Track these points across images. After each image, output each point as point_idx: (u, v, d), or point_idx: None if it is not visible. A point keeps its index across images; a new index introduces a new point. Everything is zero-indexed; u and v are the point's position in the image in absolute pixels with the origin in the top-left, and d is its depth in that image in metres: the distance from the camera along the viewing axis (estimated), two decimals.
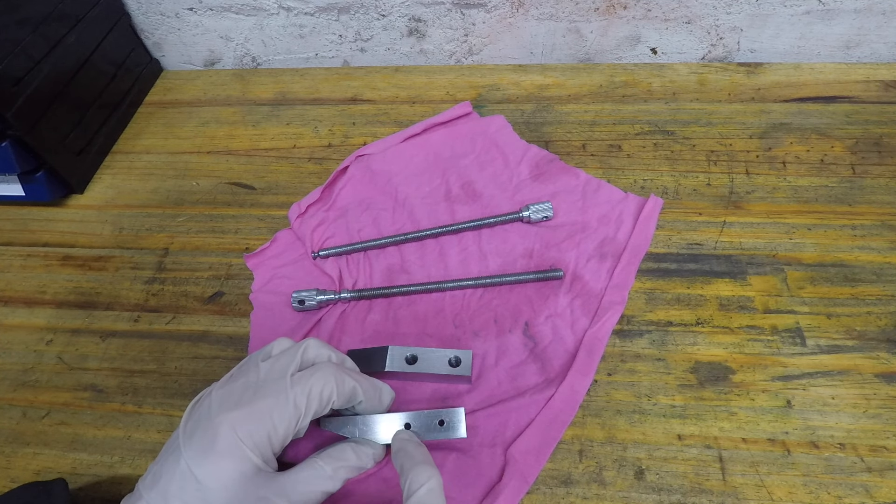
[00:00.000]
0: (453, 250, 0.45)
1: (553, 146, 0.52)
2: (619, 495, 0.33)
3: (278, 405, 0.28)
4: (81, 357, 0.42)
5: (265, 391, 0.29)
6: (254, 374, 0.30)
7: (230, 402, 0.28)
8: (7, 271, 0.48)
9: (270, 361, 0.31)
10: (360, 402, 0.32)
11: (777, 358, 0.38)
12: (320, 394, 0.29)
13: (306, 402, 0.29)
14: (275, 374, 0.30)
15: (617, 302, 0.40)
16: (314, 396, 0.29)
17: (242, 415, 0.28)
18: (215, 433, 0.27)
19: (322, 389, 0.29)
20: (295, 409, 0.28)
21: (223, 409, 0.28)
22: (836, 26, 0.55)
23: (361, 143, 0.54)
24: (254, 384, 0.29)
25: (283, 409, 0.28)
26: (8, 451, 0.38)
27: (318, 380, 0.29)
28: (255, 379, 0.30)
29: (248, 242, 0.48)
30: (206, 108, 0.60)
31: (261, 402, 0.28)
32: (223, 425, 0.27)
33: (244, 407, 0.28)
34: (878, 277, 0.41)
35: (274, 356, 0.31)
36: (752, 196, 0.47)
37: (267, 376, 0.30)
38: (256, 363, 0.31)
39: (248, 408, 0.28)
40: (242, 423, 0.27)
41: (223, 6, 0.59)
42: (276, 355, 0.31)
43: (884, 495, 0.32)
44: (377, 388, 0.33)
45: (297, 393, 0.29)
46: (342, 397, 0.30)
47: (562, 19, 0.57)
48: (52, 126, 0.49)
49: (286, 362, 0.30)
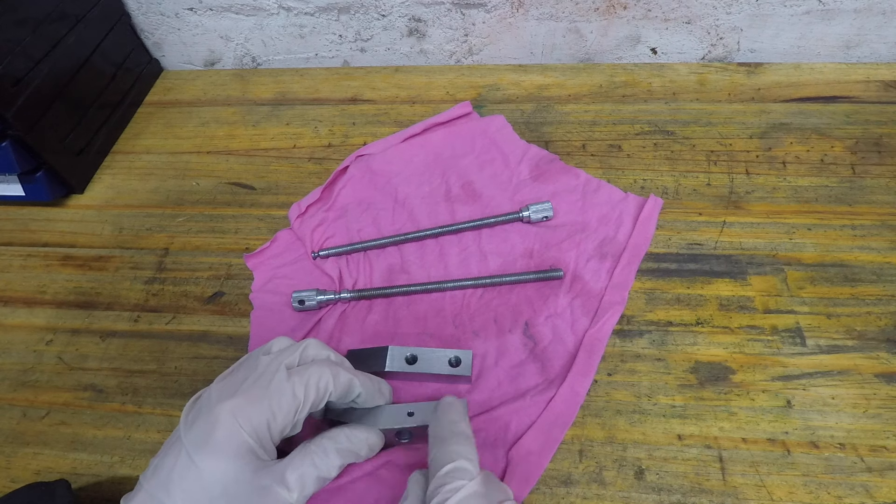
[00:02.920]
0: (453, 250, 0.45)
1: (553, 146, 0.52)
2: (619, 495, 0.33)
3: (277, 394, 0.29)
4: (81, 357, 0.42)
5: (264, 381, 0.29)
6: (253, 367, 0.31)
7: (229, 392, 0.29)
8: (7, 271, 0.48)
9: (271, 356, 0.31)
10: (359, 394, 0.32)
11: (777, 358, 0.38)
12: (317, 385, 0.30)
13: (304, 392, 0.29)
14: (274, 367, 0.30)
15: (617, 302, 0.40)
16: (311, 387, 0.30)
17: (242, 402, 0.28)
18: (215, 421, 0.28)
19: (319, 381, 0.30)
20: (293, 398, 0.29)
21: (223, 398, 0.29)
22: (836, 26, 0.55)
23: (361, 143, 0.54)
24: (253, 376, 0.30)
25: (281, 398, 0.29)
26: (8, 451, 0.38)
27: (315, 372, 0.30)
28: (255, 371, 0.30)
29: (248, 242, 0.48)
30: (206, 108, 0.60)
31: (260, 390, 0.29)
32: (223, 413, 0.28)
33: (243, 395, 0.29)
34: (878, 277, 0.41)
35: (274, 352, 0.32)
36: (752, 196, 0.47)
37: (266, 369, 0.30)
38: (257, 358, 0.32)
39: (248, 396, 0.29)
40: (242, 410, 0.28)
41: (223, 6, 0.59)
42: (277, 352, 0.32)
43: (884, 495, 0.32)
44: (375, 382, 0.34)
45: (295, 383, 0.29)
46: (339, 389, 0.31)
47: (562, 19, 0.57)
48: (52, 126, 0.49)
49: (285, 357, 0.31)
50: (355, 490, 0.34)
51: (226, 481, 0.27)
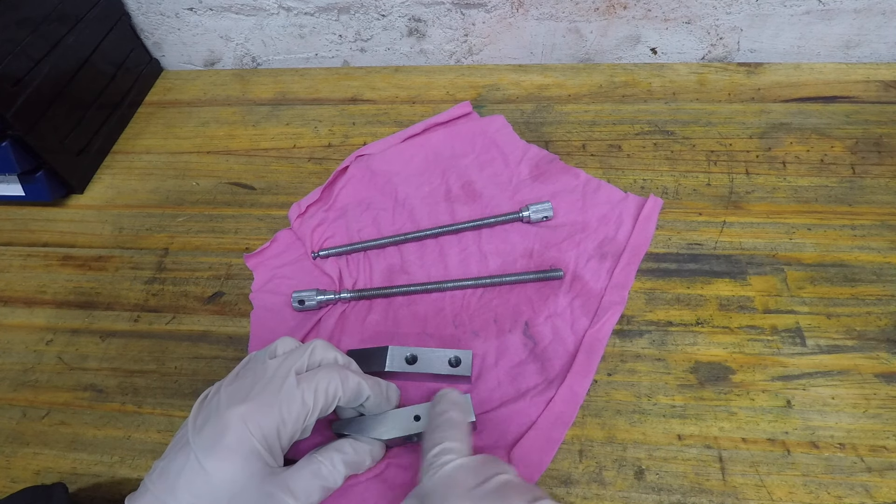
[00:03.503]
0: (453, 250, 0.45)
1: (553, 146, 0.52)
2: (619, 495, 0.33)
3: (287, 401, 0.29)
4: (81, 357, 0.42)
5: (274, 387, 0.29)
6: (261, 371, 0.31)
7: (240, 397, 0.29)
8: (7, 271, 0.48)
9: (278, 360, 0.31)
10: (368, 398, 0.32)
11: (777, 358, 0.38)
12: (326, 390, 0.30)
13: (314, 398, 0.30)
14: (283, 372, 0.30)
15: (617, 302, 0.40)
16: (321, 392, 0.30)
17: (252, 408, 0.28)
18: (225, 426, 0.28)
19: (328, 386, 0.30)
20: (303, 405, 0.29)
21: (233, 403, 0.29)
22: (836, 26, 0.55)
23: (361, 143, 0.54)
24: (262, 381, 0.30)
25: (291, 404, 0.29)
26: (8, 451, 0.38)
27: (324, 377, 0.30)
28: (264, 376, 0.30)
29: (248, 242, 0.48)
30: (206, 108, 0.60)
31: (270, 396, 0.29)
32: (233, 418, 0.28)
33: (254, 401, 0.29)
34: (878, 277, 0.41)
35: (281, 355, 0.32)
36: (752, 196, 0.47)
37: (275, 374, 0.30)
38: (263, 361, 0.32)
39: (258, 401, 0.29)
40: (252, 416, 0.28)
41: (223, 6, 0.59)
42: (284, 354, 0.32)
43: (884, 495, 0.32)
44: (382, 386, 0.34)
45: (304, 390, 0.29)
46: (347, 394, 0.31)
47: (562, 19, 0.57)
48: (52, 126, 0.49)
49: (294, 361, 0.31)
50: (360, 491, 0.34)
51: (234, 486, 0.27)
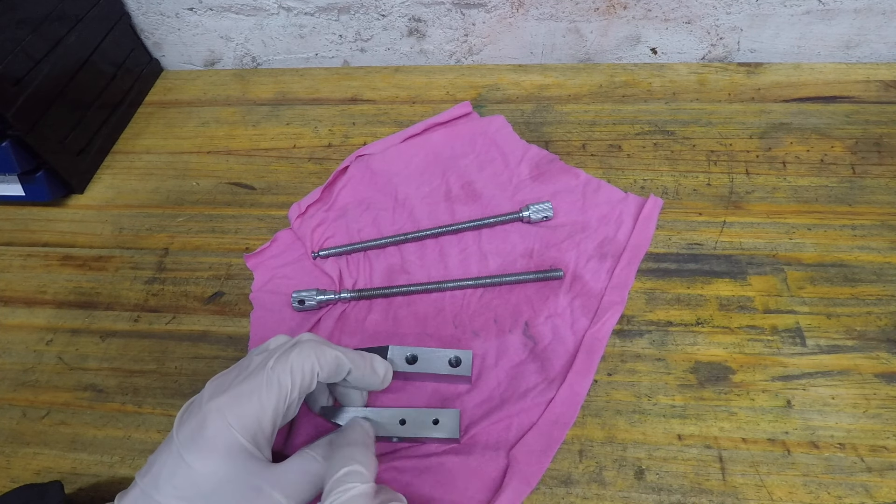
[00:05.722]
0: (453, 250, 0.45)
1: (553, 146, 0.52)
2: (619, 495, 0.33)
3: (262, 385, 0.29)
4: (81, 357, 0.42)
5: (251, 375, 0.29)
6: (245, 364, 0.31)
7: (219, 390, 0.29)
8: (7, 271, 0.48)
9: (264, 354, 0.31)
10: (350, 371, 0.32)
11: (777, 358, 0.38)
12: (302, 368, 0.30)
13: (290, 378, 0.29)
14: (261, 361, 0.30)
15: (617, 302, 0.40)
16: (297, 371, 0.29)
17: (230, 399, 0.28)
18: (204, 419, 0.28)
19: (303, 364, 0.30)
20: (280, 387, 0.29)
21: (213, 396, 0.29)
22: (836, 26, 0.55)
23: (361, 143, 0.54)
24: (244, 374, 0.30)
25: (267, 388, 0.29)
26: (8, 451, 0.38)
27: (297, 355, 0.30)
28: (246, 369, 0.30)
29: (248, 242, 0.48)
30: (206, 108, 0.60)
31: (247, 385, 0.29)
32: (212, 411, 0.28)
33: (231, 391, 0.29)
34: (878, 277, 0.41)
35: (269, 350, 0.32)
36: (752, 196, 0.47)
37: (256, 365, 0.30)
38: (251, 357, 0.32)
39: (235, 392, 0.29)
40: (230, 407, 0.28)
41: (223, 6, 0.59)
42: (272, 349, 0.32)
43: (884, 495, 0.32)
44: (366, 358, 0.33)
45: (279, 371, 0.29)
46: (326, 368, 0.31)
47: (562, 19, 0.57)
48: (52, 126, 0.49)
49: (277, 352, 0.31)
50: None
51: (216, 479, 0.27)
